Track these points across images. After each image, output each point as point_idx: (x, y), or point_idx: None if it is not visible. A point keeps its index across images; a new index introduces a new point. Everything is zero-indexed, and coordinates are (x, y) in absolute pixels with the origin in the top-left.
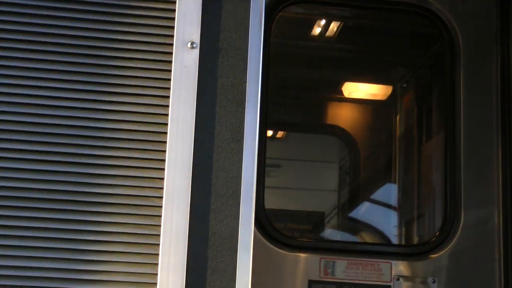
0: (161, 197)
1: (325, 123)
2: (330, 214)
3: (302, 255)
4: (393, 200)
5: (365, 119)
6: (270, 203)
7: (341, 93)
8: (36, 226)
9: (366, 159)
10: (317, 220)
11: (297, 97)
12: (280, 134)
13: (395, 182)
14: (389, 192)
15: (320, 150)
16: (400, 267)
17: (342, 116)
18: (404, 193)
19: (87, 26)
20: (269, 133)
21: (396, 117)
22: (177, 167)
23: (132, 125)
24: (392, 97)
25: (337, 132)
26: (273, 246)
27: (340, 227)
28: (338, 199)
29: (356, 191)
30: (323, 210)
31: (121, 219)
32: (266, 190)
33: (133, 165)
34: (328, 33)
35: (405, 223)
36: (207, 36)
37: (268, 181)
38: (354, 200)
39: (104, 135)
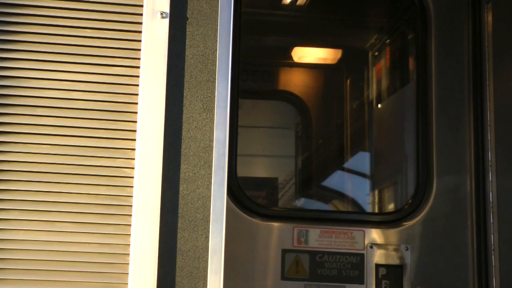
0: (133, 168)
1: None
2: (291, 181)
3: (275, 224)
4: (366, 168)
5: (323, 85)
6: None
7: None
8: (7, 198)
9: (340, 126)
10: (285, 188)
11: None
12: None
13: (368, 150)
14: (363, 160)
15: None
16: (373, 235)
17: (295, 82)
18: (376, 161)
19: None
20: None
21: (367, 84)
22: (148, 138)
23: (102, 95)
24: (363, 63)
25: (291, 98)
26: (246, 216)
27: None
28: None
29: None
30: (291, 177)
31: (93, 190)
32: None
33: (104, 136)
34: (300, 1)
35: (378, 191)
36: (177, 5)
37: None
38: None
39: (75, 106)
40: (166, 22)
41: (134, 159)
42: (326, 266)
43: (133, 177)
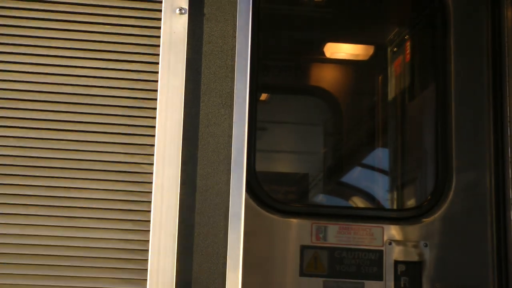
0: (152, 164)
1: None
2: (318, 177)
3: (294, 220)
4: (385, 164)
5: (349, 80)
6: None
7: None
8: (28, 194)
9: (358, 122)
10: (306, 183)
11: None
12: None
13: (386, 147)
14: (382, 156)
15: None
16: (392, 231)
17: (327, 77)
18: (396, 157)
19: None
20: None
21: (387, 80)
22: (167, 134)
23: (121, 91)
24: (383, 59)
25: (321, 93)
26: (264, 212)
27: (330, 191)
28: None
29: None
30: (313, 172)
31: (112, 186)
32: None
33: (123, 132)
34: None
35: (397, 187)
36: (196, 1)
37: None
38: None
39: (94, 102)
40: (185, 18)
41: (153, 155)
42: (344, 262)
43: (152, 173)
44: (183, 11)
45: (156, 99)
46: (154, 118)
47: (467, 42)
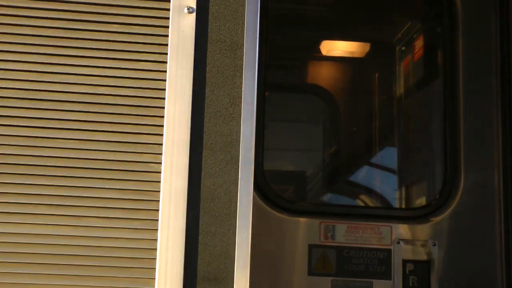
0: (160, 163)
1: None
2: (326, 177)
3: (302, 219)
4: (393, 163)
5: (358, 78)
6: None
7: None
8: (36, 193)
9: (367, 121)
10: (314, 182)
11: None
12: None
13: (395, 145)
14: (390, 155)
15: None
16: (400, 230)
17: (328, 75)
18: (405, 155)
19: None
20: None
21: (396, 78)
22: (175, 133)
23: (129, 90)
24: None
25: (318, 92)
26: (272, 211)
27: (335, 190)
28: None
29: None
30: (320, 171)
31: (121, 185)
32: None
33: (131, 131)
34: None
35: (405, 186)
36: (204, 0)
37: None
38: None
39: (102, 101)
40: (192, 17)
41: (161, 154)
42: (353, 261)
43: (160, 172)
44: (191, 10)
45: (164, 98)
46: (162, 117)
47: (475, 40)
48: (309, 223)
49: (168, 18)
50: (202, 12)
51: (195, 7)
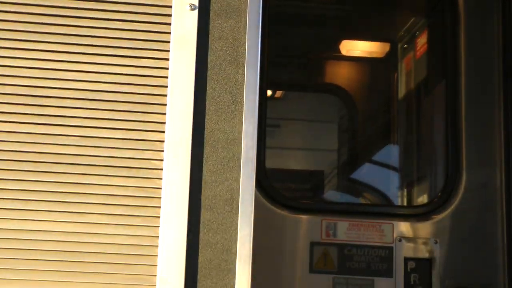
0: (162, 160)
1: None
2: (330, 174)
3: (304, 216)
4: (395, 161)
5: (364, 77)
6: (269, 163)
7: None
8: (38, 189)
9: (368, 119)
10: (318, 180)
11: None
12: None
13: (396, 143)
14: (391, 153)
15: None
16: (402, 228)
17: (341, 75)
18: (406, 154)
19: None
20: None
21: (396, 76)
22: (177, 130)
23: (131, 87)
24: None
25: (334, 90)
26: (274, 208)
27: (341, 188)
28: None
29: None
30: (324, 169)
31: (122, 182)
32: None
33: (132, 128)
34: None
35: (407, 184)
36: None
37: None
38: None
39: (104, 98)
40: (195, 14)
41: (163, 151)
42: (354, 259)
43: (162, 169)
44: (193, 7)
45: (166, 95)
46: (164, 114)
47: (477, 38)
48: (311, 220)
49: (170, 15)
50: (204, 9)
51: (197, 4)
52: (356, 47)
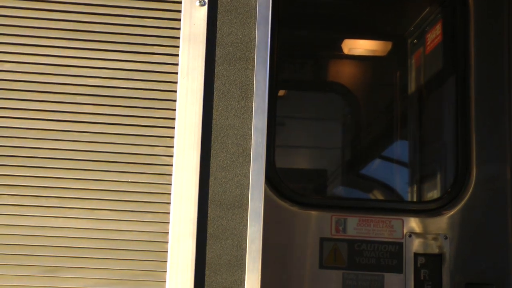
0: (172, 156)
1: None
2: (337, 170)
3: (313, 212)
4: (404, 156)
5: (366, 74)
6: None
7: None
8: (49, 186)
9: (377, 115)
10: (326, 178)
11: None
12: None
13: (406, 139)
14: (401, 148)
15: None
16: (412, 223)
17: (342, 72)
18: (416, 149)
19: None
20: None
21: (407, 73)
22: (187, 126)
23: (141, 83)
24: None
25: (339, 89)
26: (284, 204)
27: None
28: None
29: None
30: (332, 168)
31: (132, 178)
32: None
33: (143, 124)
34: None
35: (417, 180)
36: None
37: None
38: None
39: (114, 94)
40: (204, 9)
41: (172, 147)
42: (364, 255)
43: (171, 165)
44: (203, 3)
45: (176, 91)
46: (174, 110)
47: (487, 34)
48: (321, 216)
49: (180, 11)
50: (213, 5)
51: (206, 0)
52: (362, 45)
